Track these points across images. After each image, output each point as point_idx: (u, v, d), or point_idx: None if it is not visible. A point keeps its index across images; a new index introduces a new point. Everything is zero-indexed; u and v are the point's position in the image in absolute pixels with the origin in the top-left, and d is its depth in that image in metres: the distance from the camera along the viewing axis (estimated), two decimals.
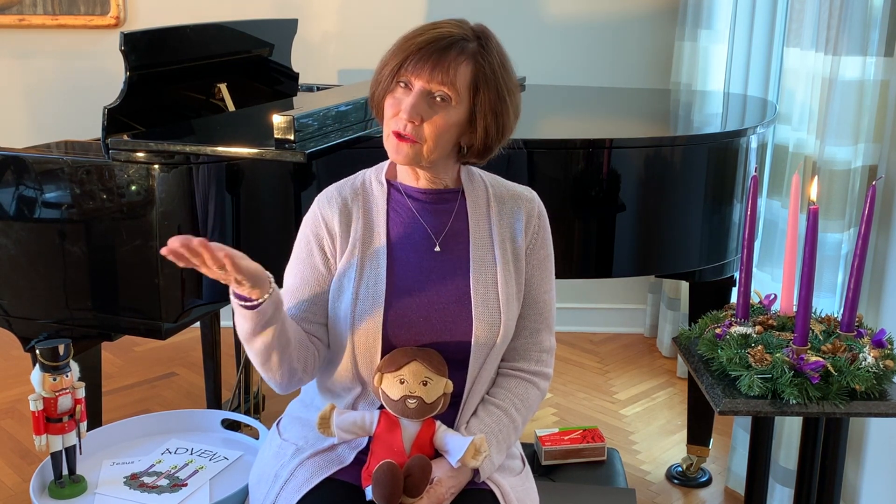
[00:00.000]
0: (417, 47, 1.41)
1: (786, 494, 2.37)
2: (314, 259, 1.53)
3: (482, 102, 1.44)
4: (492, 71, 1.44)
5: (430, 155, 1.45)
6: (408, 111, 1.41)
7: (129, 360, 3.50)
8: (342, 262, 1.52)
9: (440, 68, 1.40)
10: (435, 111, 1.42)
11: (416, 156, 1.45)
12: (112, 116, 2.02)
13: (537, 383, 1.59)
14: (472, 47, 1.43)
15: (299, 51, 2.91)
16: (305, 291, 1.52)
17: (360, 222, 1.53)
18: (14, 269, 2.08)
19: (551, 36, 3.58)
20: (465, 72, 1.42)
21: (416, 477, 1.39)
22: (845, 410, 1.57)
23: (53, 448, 1.65)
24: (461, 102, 1.43)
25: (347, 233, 1.52)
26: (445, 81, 1.41)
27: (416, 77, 1.41)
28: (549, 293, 1.59)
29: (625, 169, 2.10)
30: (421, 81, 1.41)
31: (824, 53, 2.16)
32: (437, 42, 1.41)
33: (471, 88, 1.43)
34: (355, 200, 1.55)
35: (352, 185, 1.57)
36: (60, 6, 3.62)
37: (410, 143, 1.43)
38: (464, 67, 1.42)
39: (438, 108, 1.42)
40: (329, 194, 1.56)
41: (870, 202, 1.62)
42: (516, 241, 1.55)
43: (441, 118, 1.42)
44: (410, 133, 1.42)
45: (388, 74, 1.44)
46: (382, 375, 1.45)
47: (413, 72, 1.41)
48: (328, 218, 1.53)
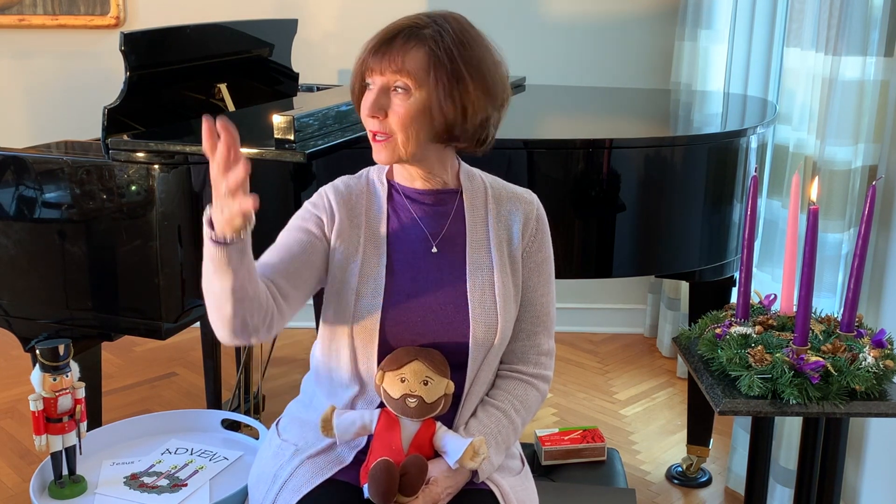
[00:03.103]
0: (371, 45, 1.44)
1: (786, 494, 2.37)
2: (307, 224, 1.52)
3: (436, 84, 1.42)
4: (445, 51, 1.41)
5: (405, 147, 1.44)
6: (368, 108, 1.43)
7: (129, 360, 3.50)
8: (343, 256, 1.51)
9: (389, 58, 1.41)
10: (395, 101, 1.43)
11: (393, 151, 1.45)
12: (112, 116, 2.02)
13: (537, 385, 1.58)
14: (425, 33, 1.43)
15: (299, 51, 2.91)
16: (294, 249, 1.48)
17: (363, 219, 1.53)
18: (14, 269, 2.09)
19: (551, 36, 3.58)
20: (417, 56, 1.41)
21: (412, 476, 1.39)
22: (845, 410, 1.57)
23: (53, 448, 1.65)
24: (421, 88, 1.42)
25: (347, 225, 1.52)
26: (397, 69, 1.41)
27: (373, 73, 1.43)
28: (547, 296, 1.59)
29: (625, 169, 2.10)
30: (377, 76, 1.43)
31: (824, 53, 2.16)
32: (388, 34, 1.43)
33: (427, 72, 1.42)
34: (361, 197, 1.55)
35: (358, 182, 1.58)
36: (60, 6, 3.62)
37: (384, 140, 1.44)
38: (414, 52, 1.41)
39: (398, 98, 1.42)
40: (337, 185, 1.57)
41: (870, 202, 1.62)
42: (513, 243, 1.55)
43: (401, 107, 1.42)
44: (379, 129, 1.44)
45: (356, 81, 1.47)
46: (384, 373, 1.45)
47: (371, 69, 1.43)
48: (333, 202, 1.53)
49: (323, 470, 1.49)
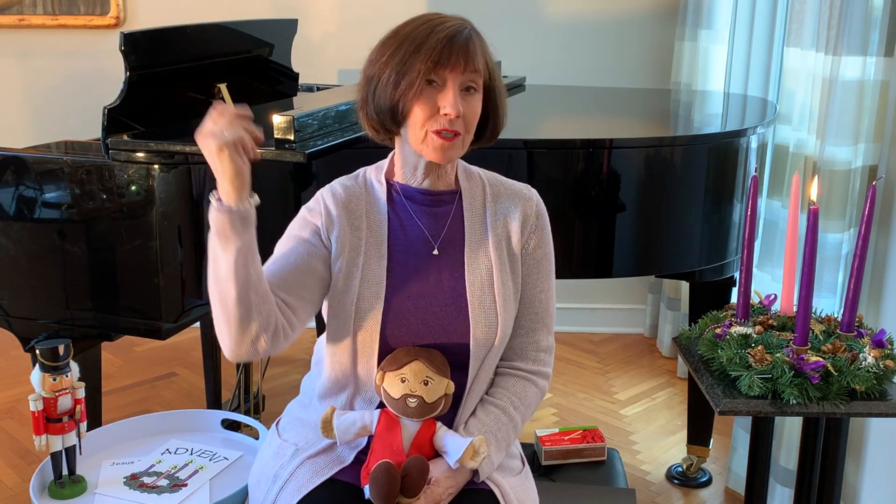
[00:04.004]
0: (445, 42, 1.41)
1: (786, 494, 2.37)
2: (304, 233, 1.52)
3: (496, 83, 1.49)
4: (490, 55, 1.49)
5: (465, 146, 1.48)
6: (455, 107, 1.41)
7: (129, 360, 3.50)
8: (344, 260, 1.51)
9: (471, 59, 1.42)
10: (469, 101, 1.44)
11: (459, 150, 1.47)
12: (112, 116, 2.02)
13: (536, 381, 1.58)
14: (471, 34, 1.45)
15: (299, 51, 2.91)
16: (290, 259, 1.48)
17: (363, 221, 1.53)
18: (14, 269, 2.08)
19: (551, 36, 3.57)
20: (480, 57, 1.45)
21: (413, 477, 1.39)
22: (845, 410, 1.57)
23: (53, 448, 1.64)
24: (480, 90, 1.47)
25: (347, 229, 1.52)
26: (473, 69, 1.43)
27: (451, 72, 1.41)
28: (546, 293, 1.59)
29: (625, 169, 2.10)
30: (456, 75, 1.42)
31: (824, 53, 2.16)
32: (459, 34, 1.42)
33: (484, 75, 1.46)
34: (360, 199, 1.55)
35: (355, 183, 1.57)
36: (60, 6, 3.62)
37: (455, 138, 1.43)
38: (477, 53, 1.44)
39: (471, 98, 1.45)
40: (335, 189, 1.56)
41: (870, 202, 1.62)
42: (512, 241, 1.55)
43: (475, 107, 1.46)
44: (458, 128, 1.43)
45: (418, 78, 1.41)
46: (384, 374, 1.45)
47: (448, 67, 1.41)
48: (332, 208, 1.52)
49: (323, 470, 1.49)
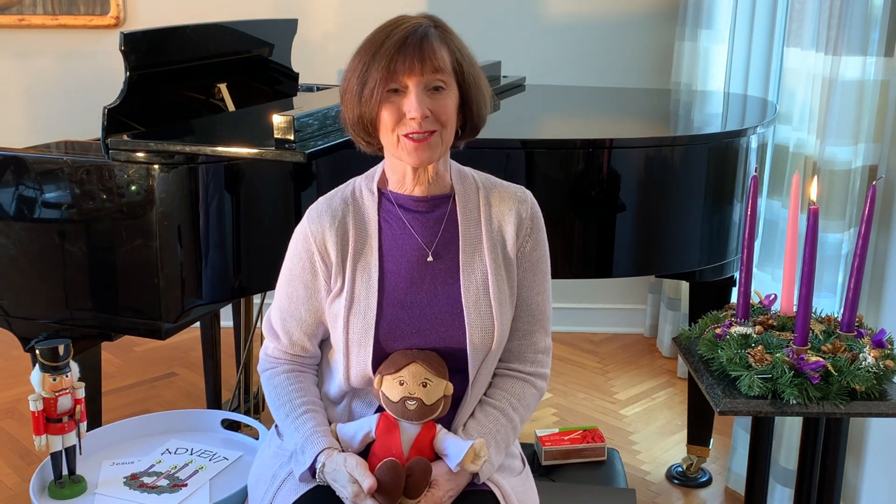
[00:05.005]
0: (397, 48, 1.40)
1: (786, 494, 2.37)
2: (306, 276, 1.52)
3: (468, 78, 1.46)
4: (459, 48, 1.46)
5: (445, 144, 1.46)
6: (418, 110, 1.40)
7: (129, 360, 3.50)
8: (339, 279, 1.51)
9: (428, 58, 1.40)
10: (438, 99, 1.43)
11: (436, 149, 1.45)
12: (112, 116, 2.02)
13: (534, 382, 1.58)
14: (435, 32, 1.44)
15: (299, 51, 2.91)
16: (301, 310, 1.53)
17: (352, 234, 1.52)
18: (14, 269, 2.08)
19: (551, 36, 3.57)
20: (445, 55, 1.43)
21: (416, 478, 1.39)
22: (845, 410, 1.57)
23: (53, 448, 1.65)
24: (451, 85, 1.44)
25: (340, 247, 1.51)
26: (437, 69, 1.41)
27: (409, 76, 1.40)
28: (543, 294, 1.58)
29: (625, 169, 2.10)
30: (415, 77, 1.40)
31: (824, 53, 2.16)
32: (413, 35, 1.41)
33: (453, 69, 1.45)
34: (347, 213, 1.53)
35: (342, 197, 1.55)
36: (60, 6, 3.62)
37: (427, 139, 1.42)
38: (442, 52, 1.43)
39: (440, 96, 1.43)
40: (319, 209, 1.54)
41: (870, 202, 1.62)
42: (507, 245, 1.54)
43: (445, 104, 1.43)
44: (427, 127, 1.42)
45: (375, 87, 1.41)
46: (382, 378, 1.45)
47: (404, 72, 1.40)
48: (318, 236, 1.51)
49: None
